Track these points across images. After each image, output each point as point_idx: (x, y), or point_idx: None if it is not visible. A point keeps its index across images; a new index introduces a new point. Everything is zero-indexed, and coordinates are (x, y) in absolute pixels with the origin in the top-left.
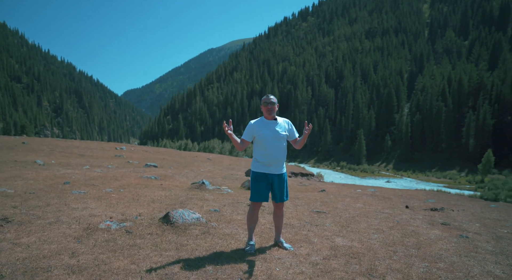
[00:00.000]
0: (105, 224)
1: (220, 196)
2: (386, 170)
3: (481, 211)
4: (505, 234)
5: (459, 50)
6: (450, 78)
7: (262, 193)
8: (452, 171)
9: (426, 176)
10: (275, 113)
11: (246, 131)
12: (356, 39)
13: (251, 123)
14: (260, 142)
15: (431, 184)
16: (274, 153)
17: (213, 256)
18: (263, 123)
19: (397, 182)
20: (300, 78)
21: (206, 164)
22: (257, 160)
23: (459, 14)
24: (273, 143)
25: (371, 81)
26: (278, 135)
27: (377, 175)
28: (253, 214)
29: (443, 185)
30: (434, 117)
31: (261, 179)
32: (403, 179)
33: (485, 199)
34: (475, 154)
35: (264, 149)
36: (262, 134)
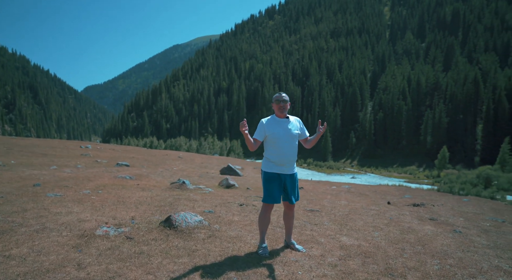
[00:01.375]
0: (102, 230)
1: (205, 196)
2: (351, 167)
3: (458, 205)
4: (489, 228)
5: (417, 51)
6: (409, 78)
7: (276, 194)
8: (412, 167)
9: (388, 171)
10: (287, 111)
11: (258, 130)
12: (322, 39)
13: (262, 121)
14: (272, 141)
15: (394, 180)
16: (287, 153)
17: (229, 261)
18: (275, 121)
19: (362, 178)
20: (267, 76)
21: (177, 163)
22: (270, 160)
23: (416, 17)
24: (287, 142)
25: (336, 79)
26: (291, 134)
27: (343, 171)
28: (266, 216)
29: (404, 180)
30: (395, 115)
31: (274, 180)
32: (367, 175)
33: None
34: (432, 151)
35: (277, 148)
36: (275, 133)
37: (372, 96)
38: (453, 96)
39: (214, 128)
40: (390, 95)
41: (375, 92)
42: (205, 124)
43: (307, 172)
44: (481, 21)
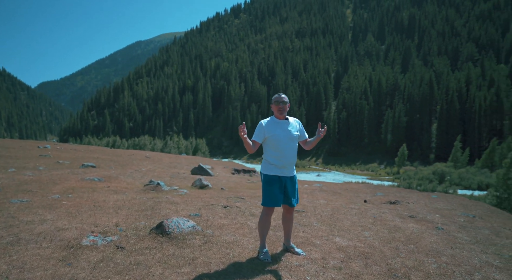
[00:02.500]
0: (89, 240)
1: (184, 198)
2: (316, 164)
3: (430, 202)
4: (464, 223)
5: (378, 53)
6: (371, 79)
7: (276, 197)
8: (374, 164)
9: (352, 169)
10: (286, 112)
11: (257, 132)
12: (287, 38)
13: (261, 123)
14: (272, 143)
15: (357, 177)
16: (288, 155)
17: (233, 269)
18: (275, 123)
19: (327, 175)
20: (233, 75)
21: (146, 163)
22: (270, 162)
23: (377, 20)
24: (287, 144)
25: (301, 79)
26: (292, 136)
27: (308, 169)
28: (267, 220)
29: (367, 177)
30: (358, 114)
31: (274, 183)
32: (331, 173)
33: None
34: (392, 148)
35: (277, 150)
36: (275, 135)
37: (336, 95)
38: (410, 96)
39: (180, 127)
40: (353, 95)
41: (338, 91)
42: (170, 123)
43: None
44: (434, 27)
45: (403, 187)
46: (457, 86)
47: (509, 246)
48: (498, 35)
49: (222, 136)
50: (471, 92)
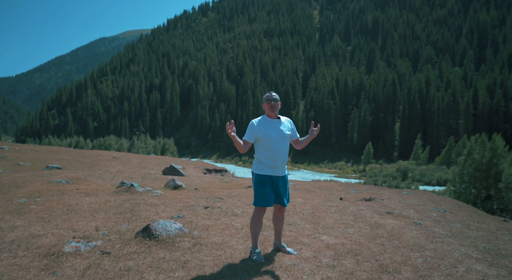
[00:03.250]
0: (71, 246)
1: (161, 199)
2: None
3: (402, 198)
4: (437, 218)
5: (344, 54)
6: (338, 79)
7: (268, 197)
8: (341, 162)
9: (320, 167)
10: (278, 111)
11: (249, 132)
12: (256, 38)
13: (253, 122)
14: (264, 143)
15: (325, 175)
16: (280, 154)
17: (229, 271)
18: (267, 122)
19: (296, 174)
20: (202, 73)
21: (114, 163)
22: (262, 162)
23: (343, 22)
24: (279, 143)
25: (270, 78)
26: (284, 135)
27: None
28: (259, 220)
29: (334, 175)
30: (325, 113)
31: (266, 182)
32: (300, 171)
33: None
34: (358, 147)
35: (270, 150)
36: (267, 134)
37: (304, 95)
38: (375, 96)
39: (147, 127)
40: (321, 94)
41: (306, 91)
42: (137, 122)
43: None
44: (397, 30)
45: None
46: (418, 87)
47: (481, 238)
48: (453, 40)
49: (190, 136)
50: (430, 92)
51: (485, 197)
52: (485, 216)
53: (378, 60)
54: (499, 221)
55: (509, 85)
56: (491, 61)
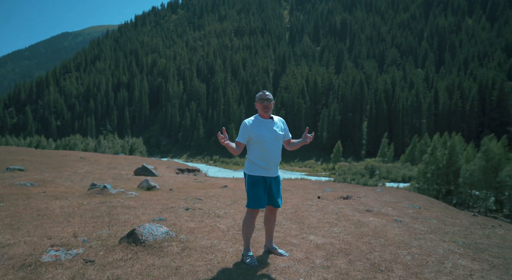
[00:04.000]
0: (50, 255)
1: (138, 201)
2: None
3: (378, 196)
4: (414, 215)
5: (313, 54)
6: (307, 79)
7: (261, 199)
8: (311, 161)
9: (291, 166)
10: (271, 111)
11: (241, 132)
12: (226, 36)
13: (245, 123)
14: (257, 144)
15: (295, 173)
16: (273, 155)
17: (224, 276)
18: (260, 122)
19: None
20: (171, 72)
21: (81, 164)
22: (254, 163)
23: (312, 23)
24: (273, 144)
25: (241, 77)
26: (277, 135)
27: None
28: (251, 222)
29: (305, 173)
30: (296, 112)
31: (259, 184)
32: None
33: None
34: (328, 145)
35: (263, 150)
36: (260, 135)
37: (274, 94)
38: (344, 96)
39: (114, 126)
40: (291, 94)
41: (277, 90)
42: (104, 121)
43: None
44: (363, 32)
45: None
46: (384, 88)
47: (458, 233)
48: (415, 43)
49: (160, 135)
50: (396, 93)
51: (446, 192)
52: (456, 212)
53: (347, 60)
54: (469, 216)
55: (465, 87)
56: (449, 64)
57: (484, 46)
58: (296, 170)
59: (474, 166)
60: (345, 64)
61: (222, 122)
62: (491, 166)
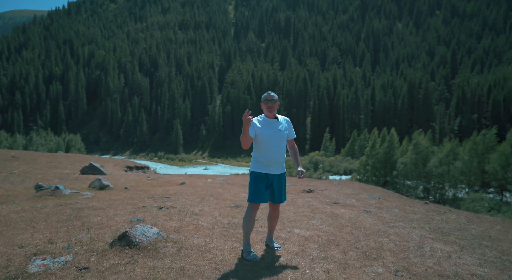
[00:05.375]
0: (37, 265)
1: (101, 201)
2: (202, 158)
3: (337, 188)
4: (377, 205)
5: (259, 50)
6: (253, 75)
7: (262, 194)
8: None
9: (237, 161)
10: (276, 111)
11: (250, 128)
12: (170, 29)
13: (253, 120)
14: (261, 142)
15: (243, 168)
16: (276, 153)
17: (233, 274)
18: (265, 122)
19: (214, 168)
20: (111, 64)
21: (15, 164)
22: (257, 160)
23: (257, 19)
24: (276, 143)
25: (186, 72)
26: (281, 135)
27: (195, 163)
28: (252, 216)
29: None
30: (242, 108)
31: (261, 180)
32: (218, 165)
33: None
34: None
35: (265, 149)
36: (264, 134)
37: (220, 90)
38: (288, 92)
39: (47, 121)
40: (237, 89)
41: (223, 86)
42: (34, 116)
43: (159, 165)
44: (306, 30)
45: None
46: (326, 85)
47: (421, 220)
48: (354, 43)
49: (99, 131)
50: (337, 90)
51: (383, 183)
52: (410, 201)
53: (291, 58)
54: (422, 204)
55: (397, 86)
56: (383, 64)
57: (412, 49)
58: (243, 165)
59: (407, 159)
60: (290, 61)
61: (166, 118)
62: (420, 158)
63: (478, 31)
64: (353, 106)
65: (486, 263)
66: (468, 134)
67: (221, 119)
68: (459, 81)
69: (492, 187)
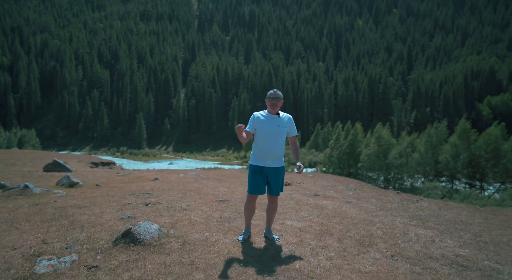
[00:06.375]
0: (44, 265)
1: (79, 200)
2: (167, 153)
3: (314, 181)
4: (355, 195)
5: (223, 44)
6: (218, 68)
7: (258, 186)
8: (223, 150)
9: (203, 155)
10: (278, 108)
11: (250, 123)
12: (131, 20)
13: (254, 114)
14: (259, 136)
15: (209, 163)
16: (272, 147)
17: (243, 265)
18: (266, 117)
19: (179, 163)
20: (68, 55)
21: None
22: (254, 153)
23: (221, 12)
24: (273, 137)
25: (148, 65)
26: (278, 130)
27: (160, 158)
28: (250, 206)
29: (218, 162)
30: (207, 102)
31: (257, 172)
32: (183, 160)
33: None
34: None
35: (262, 142)
36: (262, 128)
37: (184, 83)
38: (253, 86)
39: None
40: (202, 83)
41: (187, 79)
42: None
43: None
44: (271, 24)
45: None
46: (291, 79)
47: (398, 209)
48: (317, 38)
49: (56, 126)
50: (301, 84)
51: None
52: (383, 191)
53: (255, 51)
54: (395, 194)
55: (358, 80)
56: (345, 59)
57: (372, 45)
58: (209, 159)
59: (370, 151)
60: (254, 55)
61: (129, 112)
62: (382, 150)
63: (430, 30)
64: (316, 100)
65: (465, 244)
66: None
67: (185, 113)
68: (415, 76)
69: (444, 176)
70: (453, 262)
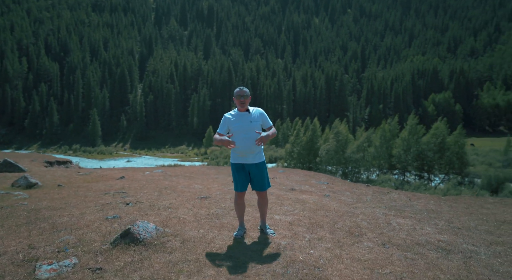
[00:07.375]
0: (45, 270)
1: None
2: (124, 150)
3: (286, 176)
4: (330, 189)
5: (181, 38)
6: (176, 63)
7: (242, 183)
8: (183, 146)
9: (162, 152)
10: (247, 105)
11: (221, 125)
12: (82, 10)
13: (225, 116)
14: (235, 134)
15: (168, 160)
16: (248, 144)
17: (248, 259)
18: (237, 115)
19: (137, 160)
20: (9, 46)
21: None
22: (234, 151)
23: (179, 5)
24: (247, 134)
25: (103, 58)
26: (252, 126)
27: (116, 155)
28: (239, 203)
29: (178, 159)
30: (165, 97)
31: (239, 170)
32: (142, 157)
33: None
34: (199, 130)
35: (239, 141)
36: (236, 126)
37: (141, 78)
38: (213, 82)
39: None
40: (159, 78)
41: (144, 74)
42: None
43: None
44: (230, 20)
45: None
46: (250, 75)
47: (374, 200)
48: (275, 35)
49: None
50: (261, 80)
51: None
52: (353, 184)
53: (215, 47)
54: (365, 186)
55: (316, 77)
56: (303, 56)
57: (328, 43)
58: (168, 156)
59: (329, 146)
60: (213, 50)
61: (81, 108)
62: (340, 145)
63: (381, 31)
64: (276, 96)
65: (443, 231)
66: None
67: (143, 109)
68: (368, 74)
69: (397, 169)
70: (437, 247)
